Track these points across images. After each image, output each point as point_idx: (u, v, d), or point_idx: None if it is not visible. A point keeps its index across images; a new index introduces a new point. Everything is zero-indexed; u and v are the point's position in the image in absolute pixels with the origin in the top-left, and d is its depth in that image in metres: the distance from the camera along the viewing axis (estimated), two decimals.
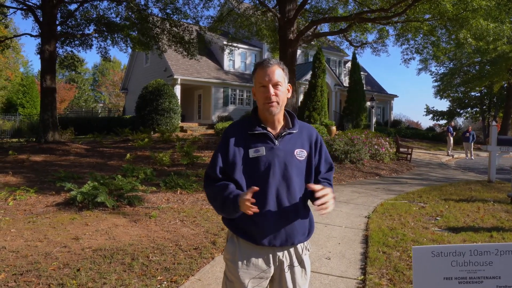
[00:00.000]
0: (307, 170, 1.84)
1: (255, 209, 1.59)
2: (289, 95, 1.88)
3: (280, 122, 1.84)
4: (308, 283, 1.89)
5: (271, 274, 1.80)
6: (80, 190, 5.90)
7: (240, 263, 1.76)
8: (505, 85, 29.63)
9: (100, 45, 17.46)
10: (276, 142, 1.78)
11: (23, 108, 31.90)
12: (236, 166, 1.75)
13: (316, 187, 1.68)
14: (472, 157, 18.32)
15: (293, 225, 1.77)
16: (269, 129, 1.80)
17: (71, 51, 16.97)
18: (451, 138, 19.08)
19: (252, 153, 1.76)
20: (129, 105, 28.19)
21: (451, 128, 19.32)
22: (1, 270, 3.52)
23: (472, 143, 18.53)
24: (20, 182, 7.50)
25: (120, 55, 66.97)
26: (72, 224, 5.01)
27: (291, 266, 1.81)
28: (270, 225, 1.73)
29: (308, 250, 1.91)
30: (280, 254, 1.79)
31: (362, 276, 3.70)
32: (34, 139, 14.48)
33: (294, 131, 1.83)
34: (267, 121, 1.82)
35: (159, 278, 3.49)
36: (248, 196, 1.59)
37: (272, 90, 1.76)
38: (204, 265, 3.85)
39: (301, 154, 1.81)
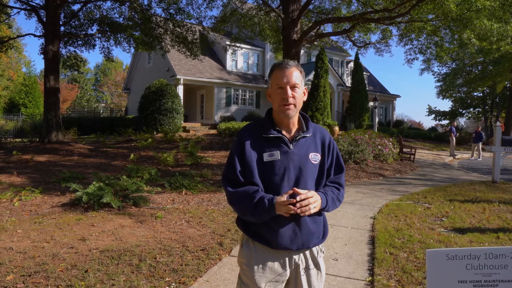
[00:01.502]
0: (319, 173, 1.83)
1: (293, 210, 1.60)
2: (305, 98, 1.87)
3: (294, 125, 1.82)
4: (323, 285, 1.89)
5: (287, 278, 1.79)
6: (86, 191, 5.90)
7: (256, 267, 1.75)
8: (508, 85, 29.57)
9: (103, 45, 17.46)
10: (291, 146, 1.76)
11: (26, 108, 31.97)
12: (253, 169, 1.73)
13: (301, 191, 1.65)
14: (480, 158, 18.22)
15: (309, 229, 1.76)
16: (283, 132, 1.78)
17: (74, 51, 16.99)
18: (454, 139, 18.99)
19: (266, 157, 1.74)
20: (131, 105, 28.21)
21: (454, 129, 19.22)
22: (10, 271, 3.52)
23: (480, 144, 18.41)
24: (25, 182, 7.51)
25: (122, 55, 67.23)
26: (78, 225, 5.01)
27: (307, 269, 1.81)
28: (286, 229, 1.72)
29: (323, 253, 1.91)
30: (296, 257, 1.78)
31: (370, 278, 3.69)
32: (37, 139, 14.50)
33: (308, 135, 1.81)
34: (282, 124, 1.80)
35: (167, 279, 3.48)
36: (286, 198, 1.62)
37: (289, 92, 1.74)
38: (212, 266, 3.84)
39: (315, 158, 1.81)
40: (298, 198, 1.62)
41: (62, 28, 15.18)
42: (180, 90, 22.10)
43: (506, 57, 23.33)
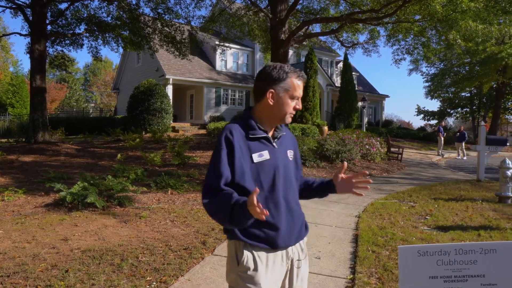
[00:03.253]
0: (295, 167, 1.89)
1: (266, 212, 1.47)
2: None
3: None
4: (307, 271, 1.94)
5: (284, 273, 1.81)
6: (70, 191, 5.85)
7: (262, 271, 1.69)
8: (494, 85, 29.99)
9: (91, 44, 17.33)
10: (275, 145, 1.79)
11: (13, 108, 31.55)
12: (245, 173, 1.68)
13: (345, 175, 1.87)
14: (465, 157, 18.48)
15: (300, 222, 1.84)
16: (268, 132, 1.80)
17: (62, 50, 16.81)
18: (442, 138, 19.26)
19: (256, 157, 1.71)
20: (120, 105, 28.03)
21: (442, 128, 19.49)
22: None
23: (464, 143, 18.70)
24: (9, 182, 7.43)
25: (112, 55, 66.64)
26: (61, 225, 4.97)
27: (299, 261, 1.84)
28: (285, 227, 1.74)
29: (304, 243, 1.95)
30: (290, 250, 1.79)
31: (352, 275, 3.73)
32: (23, 140, 14.34)
33: (285, 133, 1.87)
34: (264, 123, 1.79)
35: (148, 278, 3.48)
36: (254, 199, 1.46)
37: (300, 103, 1.81)
38: (194, 265, 3.84)
39: (290, 154, 1.86)
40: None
41: (49, 27, 15.02)
42: (170, 90, 22.02)
43: (492, 57, 23.67)
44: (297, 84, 1.76)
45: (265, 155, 1.72)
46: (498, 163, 7.62)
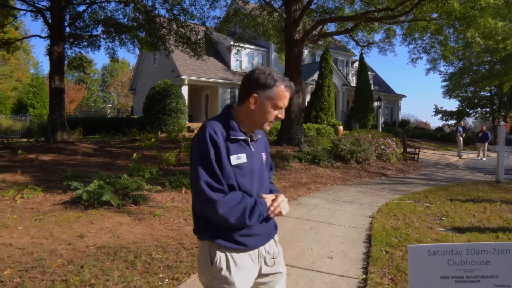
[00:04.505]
0: (267, 171, 1.95)
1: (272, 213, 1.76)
2: None
3: None
4: (284, 267, 1.97)
5: (258, 271, 1.83)
6: (86, 189, 5.96)
7: (235, 271, 1.71)
8: None
9: (108, 46, 17.65)
10: (252, 148, 1.78)
11: (34, 108, 32.29)
12: (230, 172, 1.67)
13: (270, 197, 1.81)
14: (484, 158, 17.99)
15: (271, 223, 1.86)
16: (247, 134, 1.78)
17: (80, 52, 17.16)
18: (461, 139, 18.72)
19: (234, 160, 1.68)
20: (137, 105, 28.39)
21: (461, 129, 18.92)
22: (7, 266, 3.59)
23: (487, 144, 18.15)
24: (28, 181, 7.60)
25: (129, 56, 67.58)
26: (78, 222, 5.07)
27: (271, 258, 1.87)
28: (257, 229, 1.77)
29: (277, 238, 1.99)
30: (262, 250, 1.82)
31: (364, 276, 3.70)
32: (43, 139, 14.65)
33: (260, 136, 1.87)
34: (245, 126, 1.77)
35: (161, 275, 3.52)
36: (269, 200, 1.76)
37: (283, 113, 1.78)
38: None
39: (263, 157, 1.88)
40: (277, 201, 1.78)
41: (67, 29, 15.33)
42: (185, 90, 22.20)
43: None
44: (284, 94, 1.71)
45: (243, 158, 1.70)
46: None
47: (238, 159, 1.69)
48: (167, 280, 3.44)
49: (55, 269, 3.55)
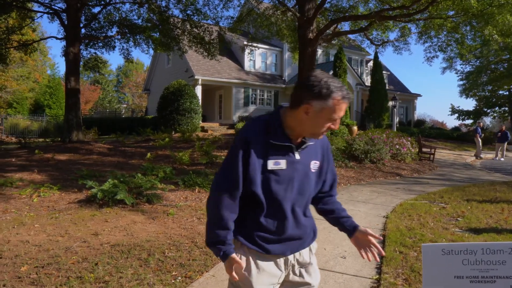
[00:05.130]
0: (316, 180, 1.79)
1: (236, 279, 1.62)
2: None
3: None
4: (318, 280, 1.87)
5: (283, 279, 1.76)
6: (101, 188, 6.04)
7: (253, 271, 1.67)
8: None
9: (123, 46, 17.84)
10: (297, 154, 1.66)
11: (50, 109, 32.93)
12: (256, 178, 1.60)
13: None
14: (502, 158, 17.59)
15: (305, 234, 1.77)
16: (292, 140, 1.65)
17: (95, 53, 17.42)
18: (480, 140, 18.30)
19: (271, 165, 1.60)
20: (151, 105, 28.67)
21: (479, 129, 18.46)
22: (24, 262, 3.66)
23: (506, 144, 17.73)
24: (45, 179, 7.75)
25: (143, 57, 68.37)
26: (92, 221, 5.14)
27: (301, 268, 1.80)
28: (285, 239, 1.70)
29: (315, 248, 1.89)
30: (291, 258, 1.75)
31: (377, 276, 3.67)
32: (59, 139, 14.91)
33: (312, 143, 1.71)
34: (293, 131, 1.64)
35: (174, 273, 3.55)
36: (235, 270, 1.61)
37: (338, 124, 1.64)
38: (219, 261, 3.88)
39: (314, 166, 1.74)
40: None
41: (82, 31, 15.57)
42: (199, 90, 22.32)
43: None
44: (339, 106, 1.56)
45: (282, 164, 1.61)
46: None
47: (276, 164, 1.61)
48: (180, 278, 3.46)
49: (70, 266, 3.61)
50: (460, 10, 12.01)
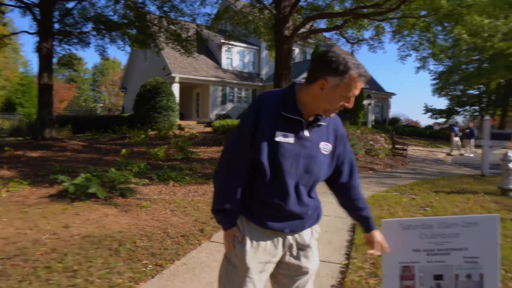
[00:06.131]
0: (329, 163, 1.75)
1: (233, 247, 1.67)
2: None
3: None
4: (316, 265, 1.83)
5: (278, 258, 1.73)
6: (73, 182, 5.95)
7: (248, 246, 1.65)
8: (503, 83, 29.64)
9: (98, 43, 17.57)
10: (306, 132, 1.63)
11: (22, 107, 32.02)
12: (263, 148, 1.58)
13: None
14: (471, 154, 18.25)
15: (306, 213, 1.72)
16: (304, 116, 1.63)
17: (69, 49, 17.07)
18: (455, 138, 18.99)
19: (280, 137, 1.58)
20: (128, 103, 28.28)
21: (456, 128, 19.19)
22: None
23: (473, 140, 18.45)
24: (15, 175, 7.56)
25: (120, 55, 67.29)
26: (63, 214, 5.06)
27: (300, 250, 1.76)
28: (285, 216, 1.67)
29: (318, 233, 1.86)
30: (290, 237, 1.72)
31: (346, 261, 3.75)
32: (31, 137, 14.54)
33: (324, 123, 1.68)
34: (306, 107, 1.62)
35: (144, 262, 3.54)
36: (233, 240, 1.66)
37: (352, 102, 1.61)
38: (191, 250, 3.90)
39: (326, 147, 1.70)
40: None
41: (56, 26, 15.23)
42: (176, 88, 22.15)
43: (500, 54, 23.40)
44: (355, 83, 1.54)
45: (290, 138, 1.59)
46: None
47: (284, 137, 1.59)
48: (150, 266, 3.46)
49: (38, 257, 3.55)
50: (431, 9, 12.33)
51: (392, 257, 1.96)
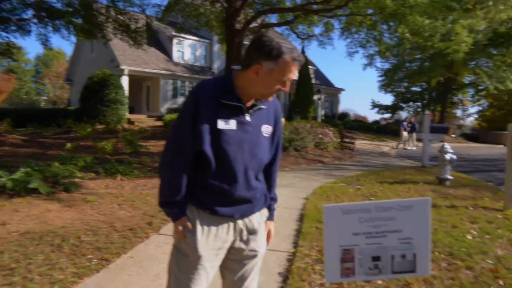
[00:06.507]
0: (269, 146, 1.79)
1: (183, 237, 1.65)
2: None
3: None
4: (265, 249, 1.88)
5: (230, 244, 1.73)
6: (11, 177, 5.62)
7: (198, 233, 1.64)
8: (442, 80, 31.56)
9: (40, 31, 16.49)
10: (247, 116, 1.64)
11: None
12: (205, 137, 1.58)
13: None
14: (414, 148, 19.32)
15: (254, 197, 1.74)
16: (243, 101, 1.64)
17: (7, 37, 15.90)
18: (404, 133, 19.98)
19: (221, 124, 1.59)
20: (74, 96, 26.98)
21: (405, 123, 20.22)
22: None
23: (415, 134, 19.57)
24: None
25: (66, 45, 63.73)
26: (0, 211, 4.77)
27: (250, 234, 1.76)
28: (235, 201, 1.68)
29: (266, 216, 1.89)
30: (240, 222, 1.72)
31: (294, 249, 3.85)
32: None
33: (264, 106, 1.70)
34: (244, 92, 1.63)
35: (89, 256, 3.43)
36: (182, 230, 1.64)
37: (288, 86, 1.64)
38: (138, 244, 3.83)
39: (267, 130, 1.73)
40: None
41: None
42: (125, 81, 21.43)
43: (440, 53, 24.87)
44: (289, 67, 1.56)
45: (231, 124, 1.60)
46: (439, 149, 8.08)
47: (226, 124, 1.60)
48: (95, 260, 3.36)
49: None
50: (377, 8, 12.84)
51: (333, 241, 2.04)
